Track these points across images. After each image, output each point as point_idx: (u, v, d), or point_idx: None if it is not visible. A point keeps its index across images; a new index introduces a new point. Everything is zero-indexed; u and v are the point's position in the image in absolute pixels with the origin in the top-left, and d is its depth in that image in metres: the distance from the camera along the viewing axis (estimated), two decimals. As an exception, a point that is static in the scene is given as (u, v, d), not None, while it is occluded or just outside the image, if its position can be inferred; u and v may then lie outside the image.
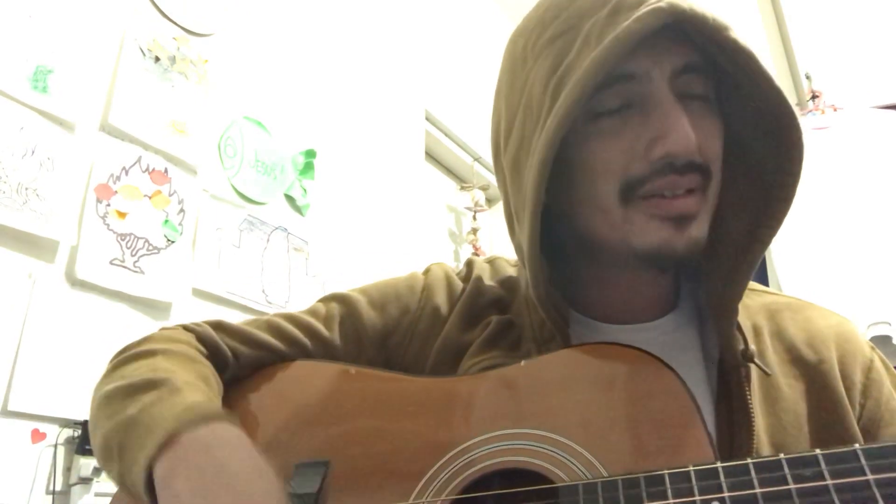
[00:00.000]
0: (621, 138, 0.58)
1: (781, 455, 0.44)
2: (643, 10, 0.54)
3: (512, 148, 0.63)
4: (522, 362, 0.61)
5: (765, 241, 0.62)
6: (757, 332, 0.67)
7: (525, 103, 0.62)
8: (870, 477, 0.41)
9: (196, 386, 0.63)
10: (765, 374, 0.61)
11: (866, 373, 0.64)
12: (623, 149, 0.58)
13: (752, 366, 0.62)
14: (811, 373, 0.63)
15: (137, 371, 0.66)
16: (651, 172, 0.57)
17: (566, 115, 0.56)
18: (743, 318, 0.67)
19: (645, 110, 0.58)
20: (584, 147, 0.59)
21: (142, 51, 1.64)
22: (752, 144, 0.62)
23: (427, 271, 0.78)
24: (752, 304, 0.70)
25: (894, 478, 0.41)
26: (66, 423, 1.32)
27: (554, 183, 0.60)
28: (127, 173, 1.54)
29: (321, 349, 0.73)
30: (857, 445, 0.43)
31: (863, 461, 0.42)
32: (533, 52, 0.62)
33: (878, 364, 0.66)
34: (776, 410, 0.61)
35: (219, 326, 0.74)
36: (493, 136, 0.70)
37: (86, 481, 1.30)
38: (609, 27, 0.56)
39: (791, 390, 0.63)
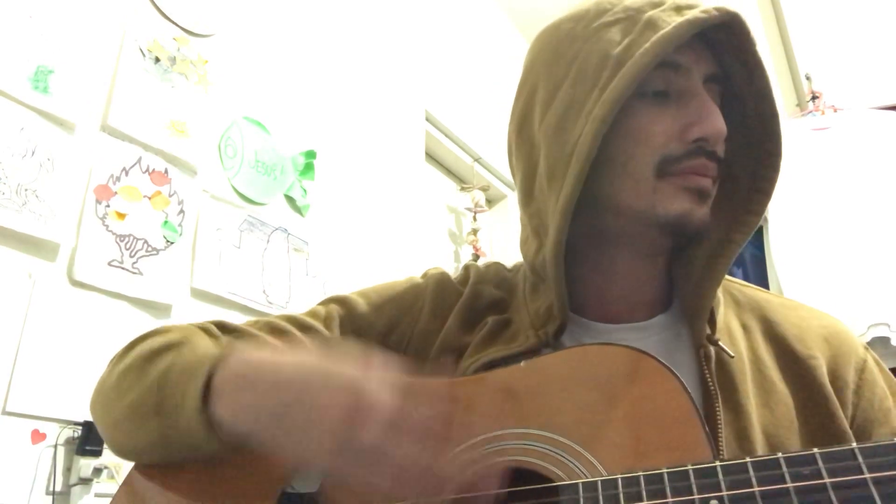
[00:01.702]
0: (663, 118, 0.64)
1: (780, 454, 0.45)
2: (708, 6, 0.63)
3: (556, 111, 0.66)
4: (522, 363, 0.61)
5: (739, 242, 0.67)
6: (747, 329, 0.68)
7: (577, 70, 0.65)
8: (867, 475, 0.41)
9: (217, 344, 0.65)
10: (729, 356, 0.63)
11: (859, 373, 0.65)
12: (664, 127, 0.63)
13: (744, 359, 0.64)
14: (801, 368, 0.64)
15: (152, 344, 0.67)
16: (685, 153, 0.63)
17: (635, 77, 0.61)
18: (731, 317, 0.69)
19: (683, 100, 0.64)
20: (628, 119, 0.63)
21: (142, 51, 1.64)
22: (731, 161, 0.67)
23: (425, 275, 0.79)
24: (743, 300, 0.71)
25: (891, 476, 0.41)
26: (66, 423, 1.32)
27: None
28: (127, 174, 1.54)
29: None
30: (854, 444, 0.43)
31: (860, 459, 0.42)
32: (585, 32, 0.66)
33: (871, 364, 0.66)
34: (770, 404, 0.62)
35: (221, 326, 0.74)
36: (523, 107, 0.72)
37: (86, 482, 1.30)
38: (673, 16, 0.62)
39: (783, 385, 0.64)
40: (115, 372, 0.67)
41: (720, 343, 0.63)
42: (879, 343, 2.23)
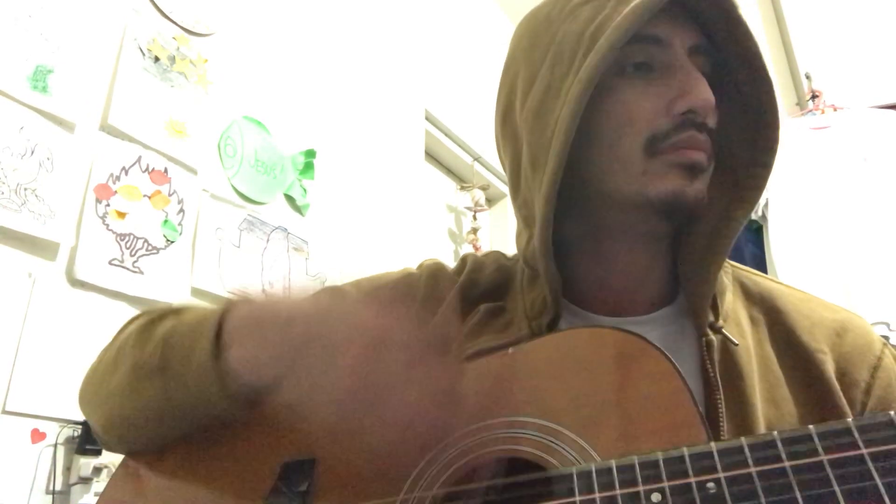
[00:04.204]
0: (647, 94, 0.61)
1: (775, 433, 0.44)
2: None
3: (535, 96, 0.64)
4: (510, 349, 0.60)
5: (739, 219, 0.64)
6: (755, 322, 0.66)
7: (554, 53, 0.63)
8: (864, 451, 0.41)
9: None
10: (733, 344, 0.61)
11: (872, 371, 0.62)
12: (649, 104, 0.61)
13: (748, 350, 0.62)
14: (807, 363, 0.62)
15: (148, 317, 0.65)
16: (674, 127, 0.60)
17: (609, 50, 0.58)
18: (740, 307, 0.66)
19: (667, 73, 0.61)
20: (610, 99, 0.61)
21: (141, 51, 1.64)
22: (728, 135, 0.65)
23: (421, 265, 0.78)
24: (754, 291, 0.69)
25: (888, 451, 0.40)
26: (65, 422, 1.32)
27: (576, 135, 0.61)
28: (126, 173, 1.54)
29: None
30: (850, 420, 0.42)
31: (856, 436, 0.42)
32: (561, 15, 0.64)
33: (888, 362, 0.63)
34: (776, 399, 0.60)
35: None
36: (506, 97, 0.70)
37: (86, 481, 1.30)
38: None
39: (788, 382, 0.62)
40: (109, 350, 0.65)
41: (724, 330, 0.61)
42: (879, 342, 2.22)
